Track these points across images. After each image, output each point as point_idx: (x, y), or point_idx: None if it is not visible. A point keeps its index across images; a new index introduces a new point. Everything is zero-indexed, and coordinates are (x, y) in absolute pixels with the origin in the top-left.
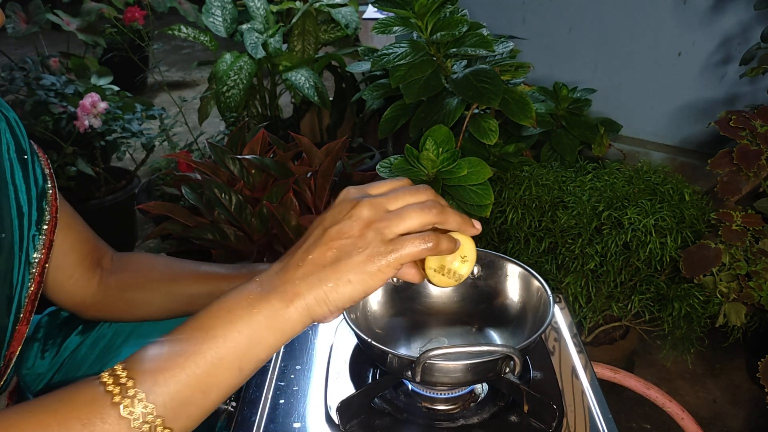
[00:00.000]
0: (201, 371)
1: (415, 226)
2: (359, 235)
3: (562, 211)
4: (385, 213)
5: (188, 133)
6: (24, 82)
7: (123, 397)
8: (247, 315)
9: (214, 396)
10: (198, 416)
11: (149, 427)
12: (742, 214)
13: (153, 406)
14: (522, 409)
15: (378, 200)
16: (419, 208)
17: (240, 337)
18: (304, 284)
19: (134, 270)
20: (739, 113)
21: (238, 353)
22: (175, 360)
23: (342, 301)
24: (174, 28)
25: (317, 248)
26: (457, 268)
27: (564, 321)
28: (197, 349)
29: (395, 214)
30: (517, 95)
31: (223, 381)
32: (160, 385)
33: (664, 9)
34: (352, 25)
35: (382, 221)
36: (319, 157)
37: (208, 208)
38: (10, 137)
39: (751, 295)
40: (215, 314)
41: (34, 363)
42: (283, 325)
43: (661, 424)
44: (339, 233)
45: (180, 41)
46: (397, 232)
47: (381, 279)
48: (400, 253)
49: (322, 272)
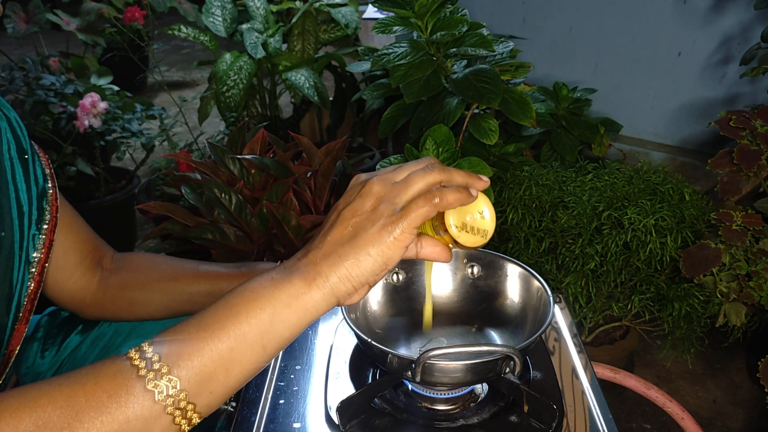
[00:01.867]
0: (224, 347)
1: (422, 188)
2: (371, 209)
3: (562, 211)
4: (392, 185)
5: (188, 133)
6: (24, 82)
7: (148, 370)
8: (270, 294)
9: (236, 373)
10: (220, 393)
11: (173, 401)
12: (742, 214)
13: (177, 380)
14: (522, 409)
15: (385, 176)
16: (422, 171)
17: (262, 315)
18: (326, 263)
19: (134, 269)
20: (739, 113)
21: (260, 330)
22: (199, 335)
23: (365, 276)
24: (174, 28)
25: (334, 229)
26: (479, 223)
27: (564, 321)
28: (221, 326)
29: (401, 182)
30: (517, 95)
31: (246, 358)
32: (185, 360)
33: (664, 9)
34: (352, 25)
35: (391, 192)
36: (319, 157)
37: (208, 208)
38: (11, 137)
39: (751, 295)
40: (240, 294)
41: (33, 362)
42: (305, 304)
43: (661, 424)
44: (353, 212)
45: (180, 41)
46: (406, 199)
47: (399, 248)
48: (410, 217)
49: (341, 249)
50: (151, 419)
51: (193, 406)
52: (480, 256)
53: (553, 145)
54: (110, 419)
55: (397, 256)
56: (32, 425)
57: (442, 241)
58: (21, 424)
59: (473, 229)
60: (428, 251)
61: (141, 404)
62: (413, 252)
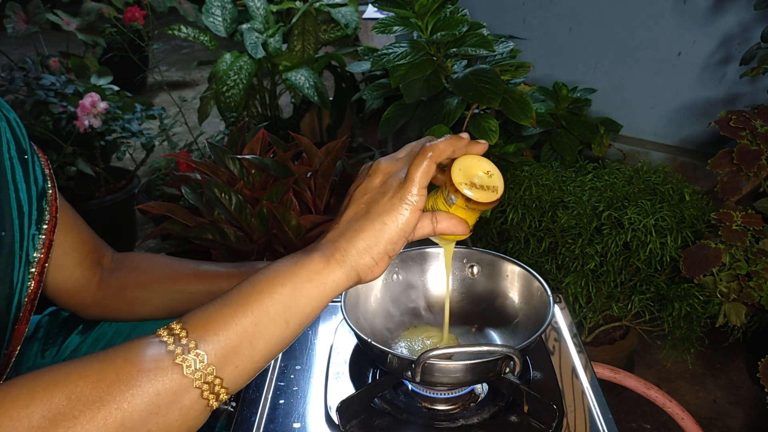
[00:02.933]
0: (248, 321)
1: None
2: (380, 183)
3: (562, 211)
4: (397, 160)
5: (188, 133)
6: (24, 82)
7: (177, 345)
8: (290, 271)
9: (261, 348)
10: (246, 368)
11: (201, 375)
12: (742, 214)
13: (204, 354)
14: (522, 409)
15: (390, 155)
16: (424, 142)
17: (284, 290)
18: (343, 239)
19: (134, 269)
20: (739, 113)
21: (283, 305)
22: (224, 311)
23: (383, 245)
24: (174, 28)
25: (348, 209)
26: (487, 180)
27: (564, 321)
28: (245, 302)
29: (404, 155)
30: (517, 95)
31: (269, 332)
32: (211, 334)
33: (664, 9)
34: (352, 25)
35: (395, 166)
36: (319, 157)
37: (208, 208)
38: (10, 137)
39: (751, 295)
40: (263, 274)
41: (34, 362)
42: (325, 279)
43: (661, 424)
44: (363, 191)
45: (180, 41)
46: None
47: (412, 211)
48: (414, 178)
49: (357, 224)
50: (180, 392)
51: (221, 381)
52: (480, 256)
53: (553, 145)
54: (140, 392)
55: (413, 220)
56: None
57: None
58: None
59: (483, 186)
60: (444, 225)
61: (170, 378)
62: (430, 228)
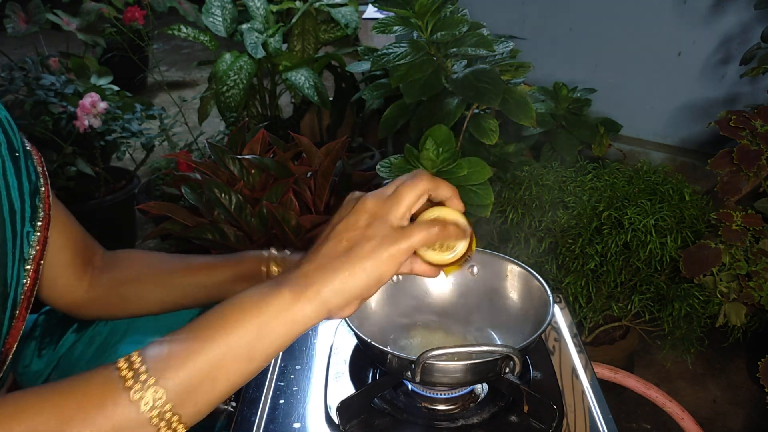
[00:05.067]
0: (211, 357)
1: (412, 198)
2: (367, 224)
3: (562, 211)
4: (384, 200)
5: (188, 133)
6: (24, 82)
7: (135, 381)
8: (257, 307)
9: (222, 385)
10: (205, 405)
11: (158, 412)
12: (742, 214)
13: (163, 391)
14: (522, 409)
15: (377, 192)
16: (410, 181)
17: (250, 327)
18: (318, 276)
19: (125, 266)
20: (739, 113)
21: (248, 341)
22: (187, 346)
23: (358, 290)
24: (174, 28)
25: (328, 243)
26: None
27: (564, 321)
28: (209, 337)
29: (393, 196)
30: (517, 95)
31: (232, 369)
32: (171, 371)
33: (664, 9)
34: (352, 25)
35: (385, 207)
36: (319, 157)
37: (207, 208)
38: (1, 135)
39: (751, 295)
40: (229, 305)
41: (31, 361)
42: (294, 316)
43: (661, 424)
44: (347, 226)
45: (180, 41)
46: (399, 214)
47: (395, 265)
48: (410, 240)
49: (336, 263)
50: (136, 429)
51: (179, 417)
52: (480, 256)
53: (553, 145)
54: (96, 429)
55: (392, 273)
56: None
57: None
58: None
59: (443, 246)
60: (419, 269)
61: (127, 415)
62: (408, 268)
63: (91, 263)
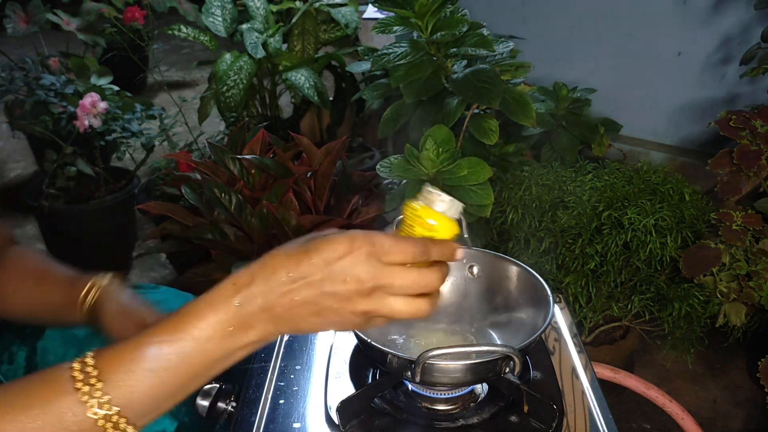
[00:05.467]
0: (155, 366)
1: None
2: (347, 291)
3: (562, 211)
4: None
5: (188, 133)
6: (24, 82)
7: (84, 384)
8: (199, 323)
9: (172, 389)
10: (151, 408)
11: (105, 415)
12: (742, 214)
13: (109, 397)
14: (522, 409)
15: (374, 257)
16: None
17: (186, 344)
18: (277, 323)
19: (10, 264)
20: (739, 113)
21: (185, 356)
22: (137, 351)
23: (311, 332)
24: (174, 28)
25: (301, 301)
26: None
27: (564, 321)
28: (155, 343)
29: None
30: (517, 95)
31: (174, 380)
32: (120, 374)
33: (664, 9)
34: (352, 25)
35: (375, 290)
36: (319, 157)
37: (207, 208)
38: None
39: (751, 295)
40: (178, 314)
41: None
42: (232, 345)
43: (661, 424)
44: (325, 294)
45: (180, 41)
46: (392, 306)
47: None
48: (392, 316)
49: (303, 325)
50: (84, 430)
51: (126, 419)
52: (480, 256)
53: (553, 145)
54: (44, 427)
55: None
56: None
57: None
58: None
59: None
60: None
61: (74, 417)
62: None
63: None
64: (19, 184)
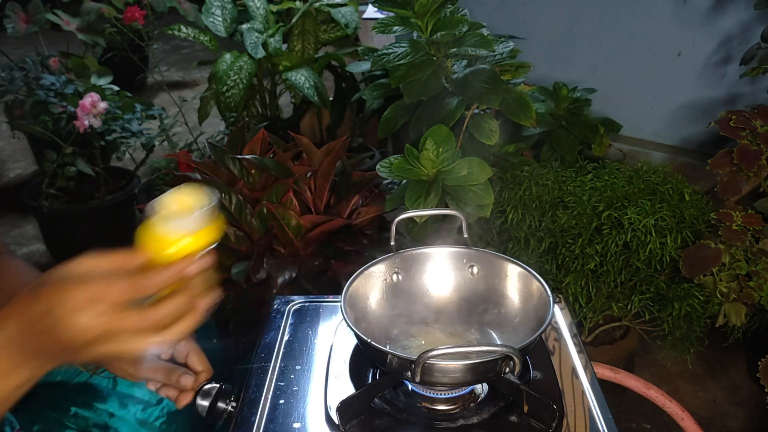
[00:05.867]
0: None
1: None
2: (138, 314)
3: (562, 211)
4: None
5: (188, 133)
6: (24, 82)
7: None
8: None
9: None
10: None
11: None
12: (742, 214)
13: None
14: (522, 409)
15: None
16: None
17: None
18: (60, 358)
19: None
20: (739, 113)
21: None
22: None
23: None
24: (174, 28)
25: (72, 337)
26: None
27: (564, 321)
28: None
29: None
30: (517, 95)
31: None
32: None
33: (664, 9)
34: (352, 25)
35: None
36: (319, 157)
37: None
38: None
39: (751, 295)
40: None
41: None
42: (15, 381)
43: (661, 424)
44: (117, 292)
45: (180, 41)
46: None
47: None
48: (174, 334)
49: (78, 353)
50: None
51: None
52: (480, 256)
53: (553, 145)
54: None
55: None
56: None
57: None
58: None
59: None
60: None
61: None
62: None
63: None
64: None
